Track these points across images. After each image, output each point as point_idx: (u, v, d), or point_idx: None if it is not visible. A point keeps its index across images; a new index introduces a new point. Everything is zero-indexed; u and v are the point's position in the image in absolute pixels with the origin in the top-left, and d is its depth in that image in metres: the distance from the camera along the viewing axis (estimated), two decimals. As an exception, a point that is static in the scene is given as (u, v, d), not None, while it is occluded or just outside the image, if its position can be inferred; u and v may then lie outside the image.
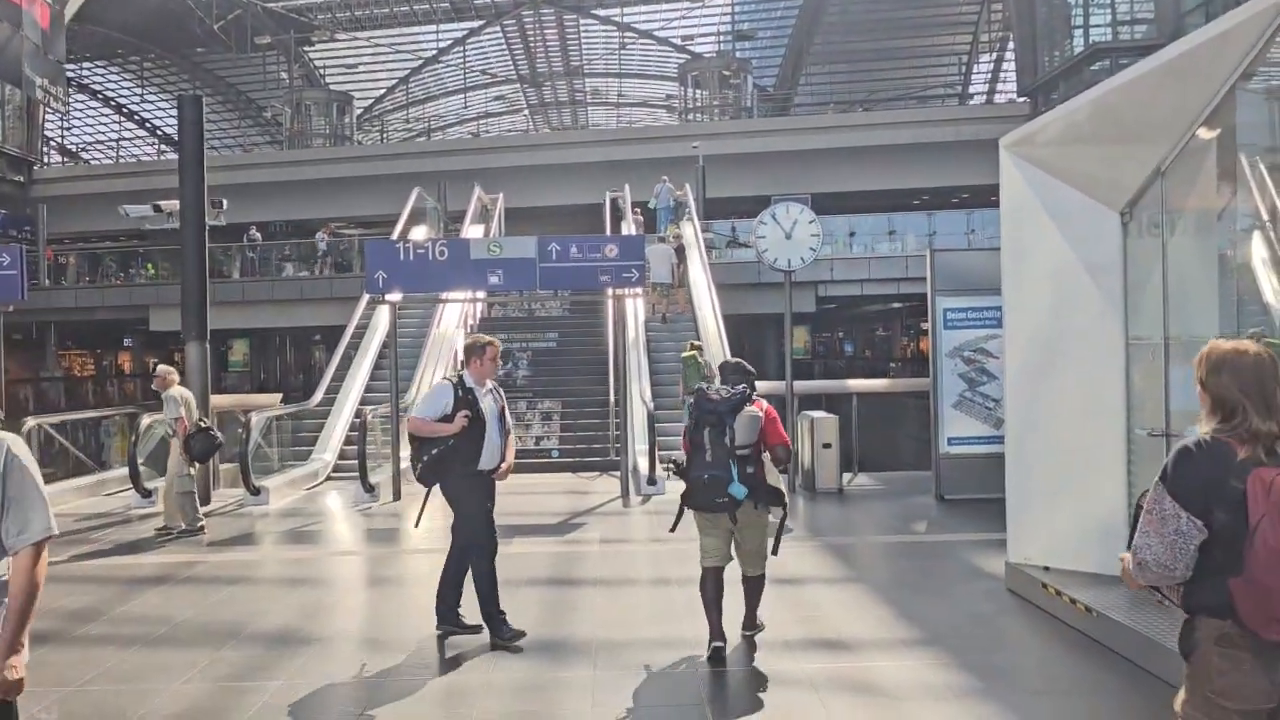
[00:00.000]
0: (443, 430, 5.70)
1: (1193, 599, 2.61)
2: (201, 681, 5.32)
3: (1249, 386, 2.60)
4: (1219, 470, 2.54)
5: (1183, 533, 2.54)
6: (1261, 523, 2.45)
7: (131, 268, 33.89)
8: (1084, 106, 6.02)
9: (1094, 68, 27.45)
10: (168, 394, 9.44)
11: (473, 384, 5.86)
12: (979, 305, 10.53)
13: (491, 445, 5.84)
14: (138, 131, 54.41)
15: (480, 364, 5.92)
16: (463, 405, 5.73)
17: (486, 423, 5.79)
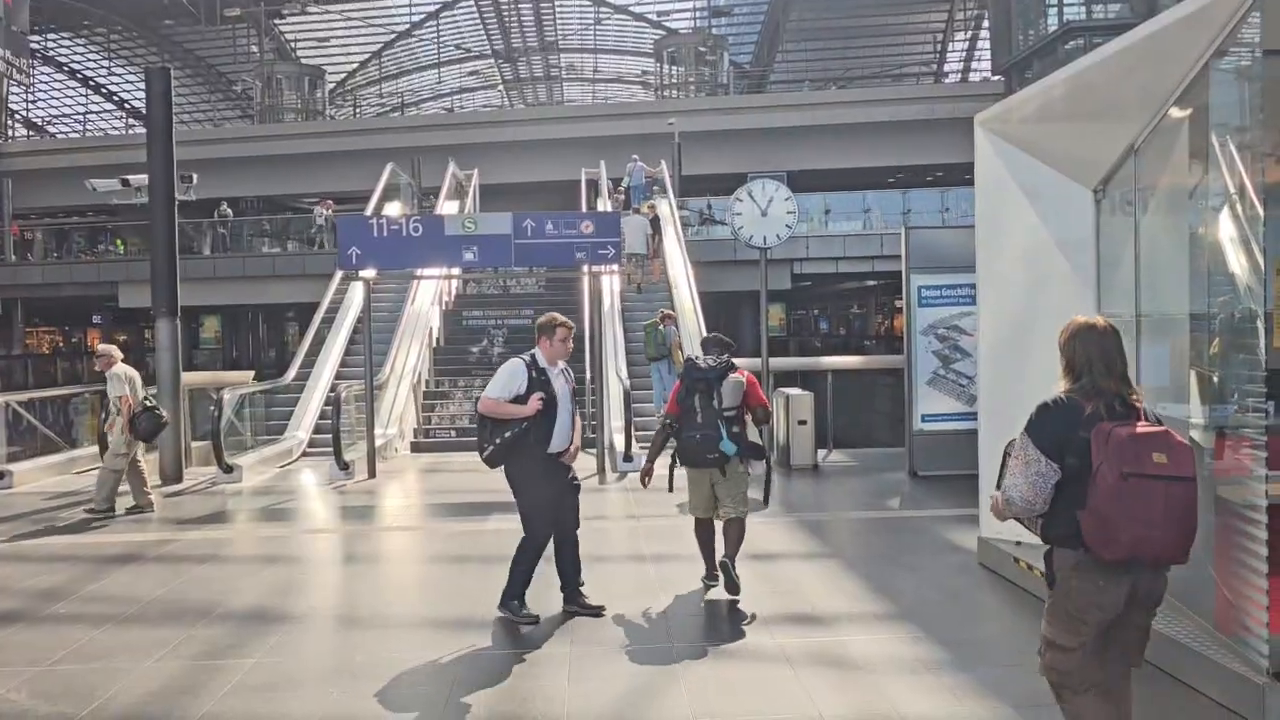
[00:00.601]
0: (517, 412, 5.55)
1: (1049, 530, 3.26)
2: (173, 660, 5.28)
3: (1095, 353, 3.26)
4: (1070, 423, 3.18)
5: (1042, 473, 3.18)
6: (1101, 466, 3.08)
7: (100, 243, 33.45)
8: (1058, 84, 6.03)
9: (1068, 46, 27.56)
10: (111, 372, 9.28)
11: (545, 364, 5.70)
12: (953, 283, 10.58)
13: (563, 428, 5.71)
14: (104, 105, 53.56)
15: (551, 344, 5.75)
16: (536, 387, 5.59)
17: (559, 404, 5.65)
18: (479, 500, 9.99)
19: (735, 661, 5.14)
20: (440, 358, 16.96)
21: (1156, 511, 3.04)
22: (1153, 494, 3.04)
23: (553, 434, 5.64)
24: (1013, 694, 4.60)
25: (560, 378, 5.76)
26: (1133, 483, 3.04)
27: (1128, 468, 3.05)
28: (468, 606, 6.19)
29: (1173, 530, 3.07)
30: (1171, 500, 3.06)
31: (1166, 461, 3.07)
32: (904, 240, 10.80)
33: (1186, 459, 3.12)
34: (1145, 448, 3.07)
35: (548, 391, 5.60)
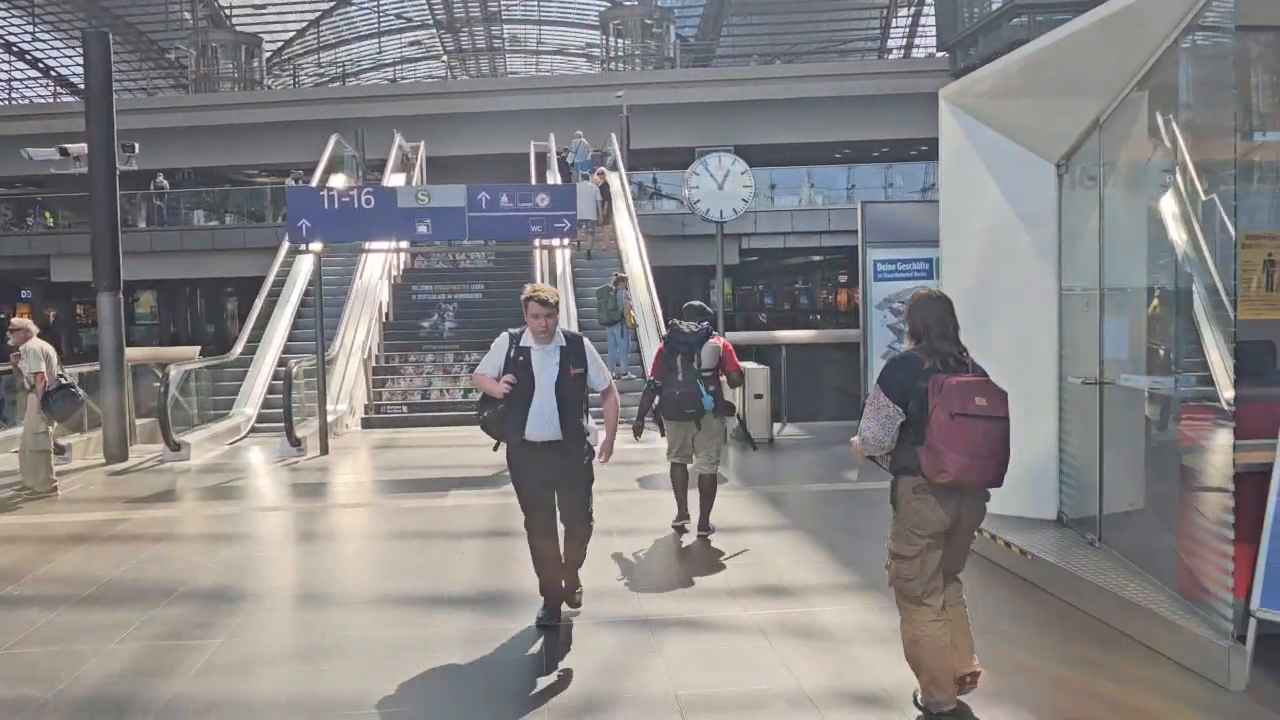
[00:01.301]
0: (490, 390, 5.15)
1: (896, 462, 3.97)
2: (137, 641, 5.15)
3: (932, 319, 3.98)
4: (912, 375, 3.88)
5: (890, 416, 3.89)
6: (935, 409, 3.77)
7: (29, 216, 32.33)
8: (1024, 59, 6.08)
9: (1013, 22, 27.84)
10: (26, 348, 8.89)
11: (530, 341, 5.13)
12: (909, 257, 10.70)
13: (540, 415, 5.05)
14: (29, 72, 51.54)
15: (529, 320, 5.15)
16: (513, 367, 5.09)
17: (535, 389, 5.05)
18: (437, 476, 9.92)
19: (711, 633, 5.16)
20: (390, 332, 16.74)
21: (978, 444, 3.74)
22: (975, 430, 3.73)
23: (525, 418, 5.07)
24: (988, 661, 4.66)
25: (548, 360, 5.10)
26: (959, 421, 3.72)
27: (955, 409, 3.73)
28: (435, 583, 6.14)
29: (992, 460, 3.79)
30: (990, 435, 3.76)
31: (986, 404, 3.77)
32: (860, 214, 10.89)
33: (1002, 402, 3.84)
34: (970, 393, 3.77)
35: (523, 374, 5.05)
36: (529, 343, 5.12)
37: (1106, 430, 5.94)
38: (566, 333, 5.24)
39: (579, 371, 5.13)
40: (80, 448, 11.29)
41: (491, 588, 6.01)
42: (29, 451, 8.99)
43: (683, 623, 5.32)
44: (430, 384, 15.57)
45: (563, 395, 5.05)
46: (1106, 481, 5.94)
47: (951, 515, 3.90)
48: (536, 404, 5.04)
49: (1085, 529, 6.11)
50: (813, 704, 4.24)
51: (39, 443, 8.94)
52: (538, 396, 5.04)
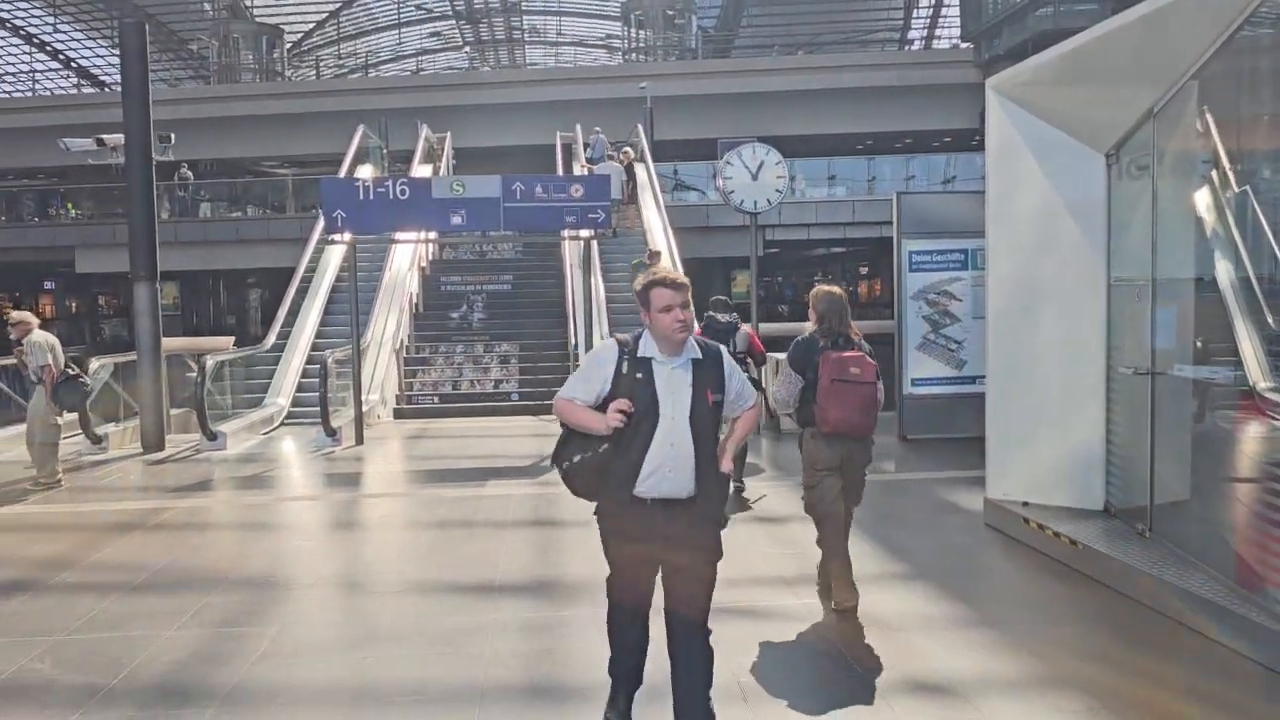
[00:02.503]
0: (589, 424, 3.57)
1: (800, 416, 5.31)
2: (194, 628, 5.20)
3: (830, 308, 5.21)
4: (810, 351, 5.17)
5: (794, 382, 5.23)
6: (822, 377, 5.07)
7: (51, 207, 32.54)
8: (1076, 48, 6.04)
9: (1038, 13, 27.62)
10: (31, 340, 8.85)
11: (653, 351, 3.58)
12: (944, 248, 10.65)
13: (668, 459, 3.50)
14: (50, 63, 51.83)
15: (651, 319, 3.58)
16: (626, 388, 3.54)
17: (660, 419, 3.51)
18: (473, 466, 9.97)
19: (767, 622, 5.16)
20: (420, 323, 16.78)
21: (851, 403, 5.04)
22: (848, 393, 5.03)
23: (640, 466, 3.50)
24: (1043, 650, 4.69)
25: (677, 378, 3.55)
26: (837, 385, 5.02)
27: (835, 376, 5.03)
28: (484, 571, 6.16)
29: (862, 415, 5.08)
30: (861, 396, 5.04)
31: (859, 373, 5.04)
32: (895, 205, 10.84)
33: (871, 372, 5.08)
34: (845, 365, 5.03)
35: (642, 399, 3.51)
36: (650, 352, 3.57)
37: (1157, 421, 5.91)
38: (701, 340, 3.68)
39: (718, 398, 3.61)
40: (117, 438, 11.39)
41: (542, 575, 6.04)
42: (38, 443, 8.95)
43: (738, 611, 5.31)
44: (461, 374, 15.62)
45: (698, 431, 3.53)
46: (1155, 472, 5.92)
47: (838, 455, 5.21)
48: (660, 444, 3.49)
49: (1135, 519, 6.09)
50: (875, 691, 4.25)
51: (49, 434, 8.92)
52: (662, 432, 3.50)
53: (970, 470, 8.38)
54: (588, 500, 3.72)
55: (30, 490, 8.78)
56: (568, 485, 3.71)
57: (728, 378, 3.68)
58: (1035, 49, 24.24)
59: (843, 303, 5.27)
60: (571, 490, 3.71)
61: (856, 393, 5.02)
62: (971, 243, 10.45)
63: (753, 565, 6.15)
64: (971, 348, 10.53)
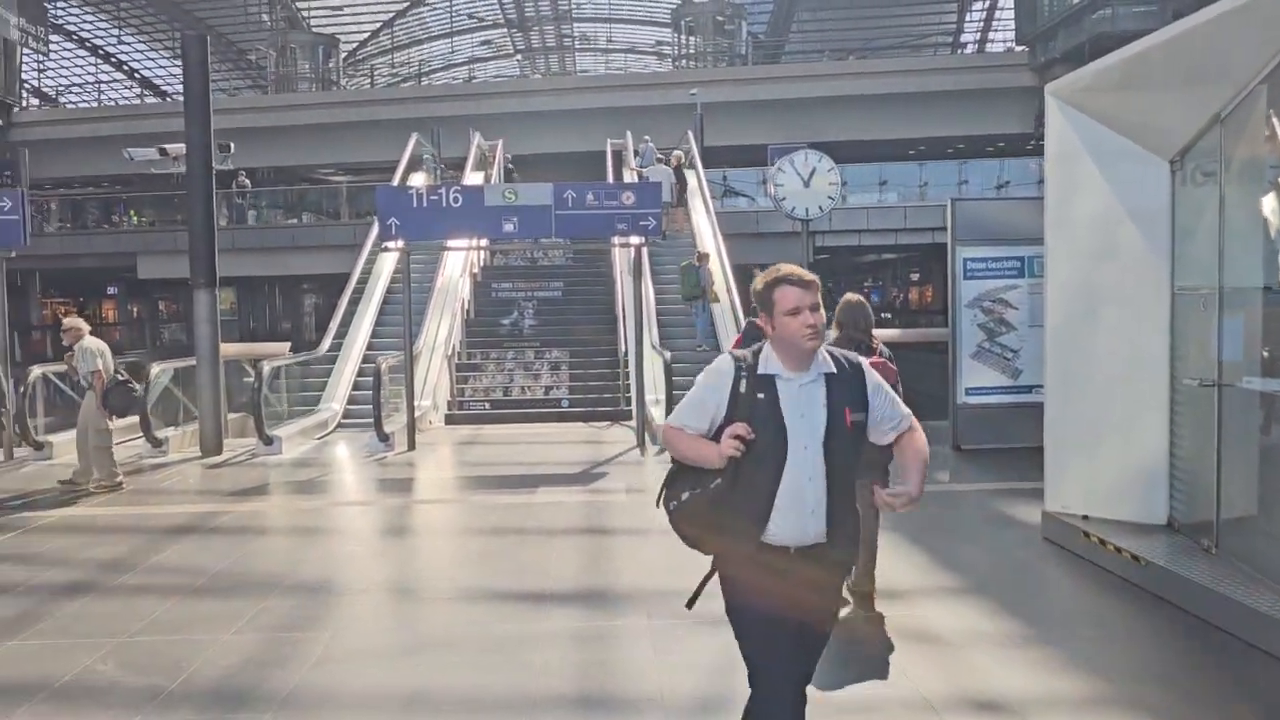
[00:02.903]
0: (701, 456, 2.96)
1: None
2: (252, 632, 5.27)
3: (850, 316, 5.52)
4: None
5: None
6: None
7: (114, 214, 33.36)
8: (1139, 53, 5.92)
9: (1095, 15, 27.15)
10: (81, 346, 9.00)
11: (776, 368, 2.96)
12: (1000, 255, 10.48)
13: (799, 496, 2.90)
14: (115, 75, 53.19)
15: (775, 324, 2.96)
16: (744, 411, 2.92)
17: (790, 448, 2.90)
18: (524, 473, 10.01)
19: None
20: (472, 329, 16.92)
21: None
22: None
23: (769, 506, 2.90)
24: (1107, 668, 4.58)
25: (808, 397, 2.94)
26: None
27: None
28: (535, 579, 6.17)
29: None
30: None
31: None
32: (950, 212, 10.69)
33: (891, 378, 4.92)
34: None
35: (765, 424, 2.89)
36: (773, 368, 2.95)
37: (1223, 434, 5.75)
38: (835, 352, 3.04)
39: (859, 419, 2.97)
40: (176, 441, 11.61)
41: (594, 585, 6.03)
42: (92, 448, 9.09)
43: (789, 624, 5.28)
44: (511, 380, 15.72)
45: (835, 461, 2.92)
46: (1221, 486, 5.76)
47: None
48: (792, 478, 2.89)
49: (1199, 535, 5.92)
50: (931, 708, 4.17)
51: (102, 439, 9.06)
52: (794, 465, 2.89)
53: (1027, 482, 8.22)
54: (696, 549, 3.09)
55: (93, 492, 8.97)
56: (675, 530, 3.06)
57: (871, 393, 3.00)
58: (1092, 52, 23.90)
59: (863, 311, 5.53)
60: (680, 535, 3.07)
61: None
62: (1028, 250, 10.28)
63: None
64: (1028, 356, 10.35)
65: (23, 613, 5.64)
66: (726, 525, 2.94)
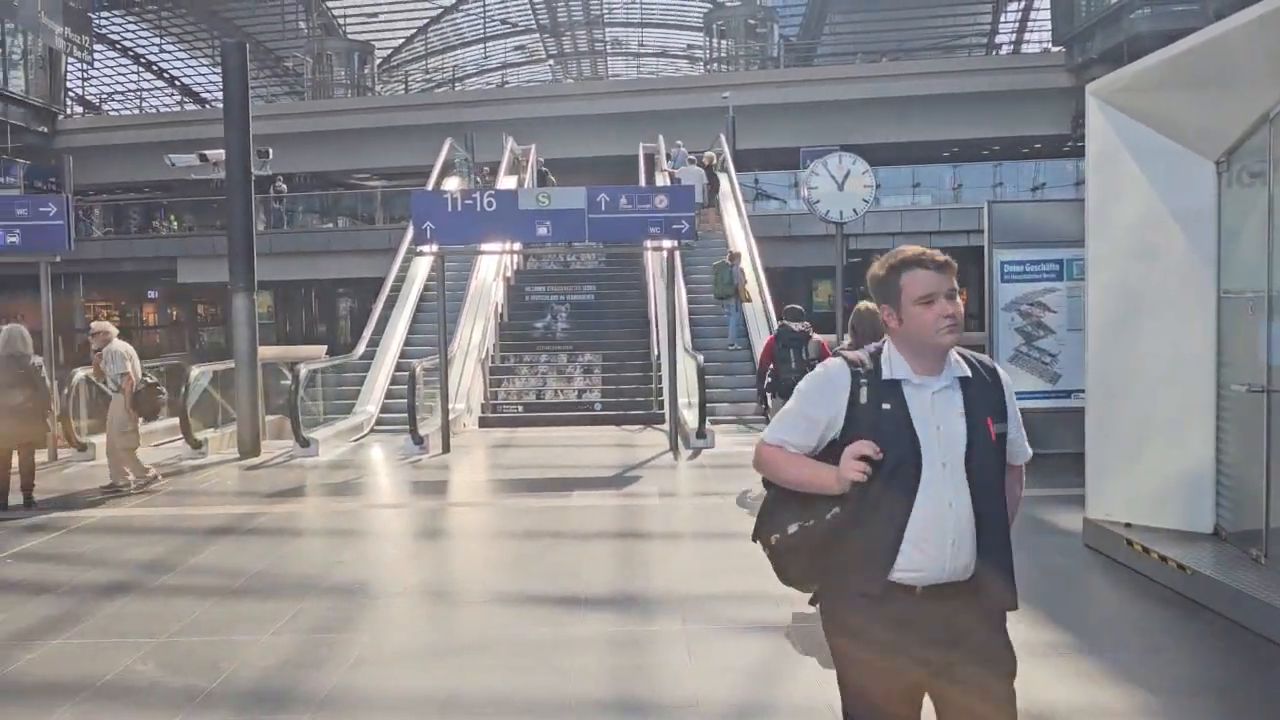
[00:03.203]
0: (816, 482, 2.46)
1: None
2: (290, 633, 5.30)
3: (859, 323, 6.15)
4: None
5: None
6: None
7: (155, 220, 33.85)
8: (1184, 51, 5.80)
9: (1134, 15, 26.78)
10: (110, 349, 9.10)
11: (902, 369, 2.48)
12: (1037, 258, 10.34)
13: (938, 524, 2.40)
14: (155, 82, 54.04)
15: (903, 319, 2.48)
16: (866, 421, 2.45)
17: (924, 466, 2.41)
18: (558, 476, 10.02)
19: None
20: (505, 333, 16.98)
21: None
22: None
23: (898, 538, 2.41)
24: (1153, 680, 4.48)
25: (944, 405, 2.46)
26: None
27: None
28: (569, 583, 6.16)
29: None
30: None
31: None
32: (987, 214, 10.57)
33: None
34: None
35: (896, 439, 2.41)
36: (899, 371, 2.46)
37: (1272, 440, 5.63)
38: (967, 354, 2.56)
39: (1002, 431, 2.51)
40: (215, 443, 11.74)
41: (628, 589, 6.00)
42: (119, 449, 9.18)
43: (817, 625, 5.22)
44: (544, 384, 15.76)
45: (980, 480, 2.44)
46: (1271, 494, 5.63)
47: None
48: (930, 503, 2.39)
49: (1248, 544, 5.80)
50: None
51: (128, 441, 9.16)
52: (930, 487, 2.39)
53: (1067, 488, 8.10)
54: (804, 590, 2.58)
55: (133, 493, 9.08)
56: (777, 568, 2.55)
57: (1009, 403, 2.55)
58: (1131, 52, 23.58)
59: (875, 318, 5.90)
60: (783, 575, 2.56)
61: None
62: (1067, 253, 10.14)
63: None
64: (1066, 361, 10.20)
65: (66, 612, 5.71)
66: (846, 562, 2.42)
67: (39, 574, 6.57)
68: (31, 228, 10.85)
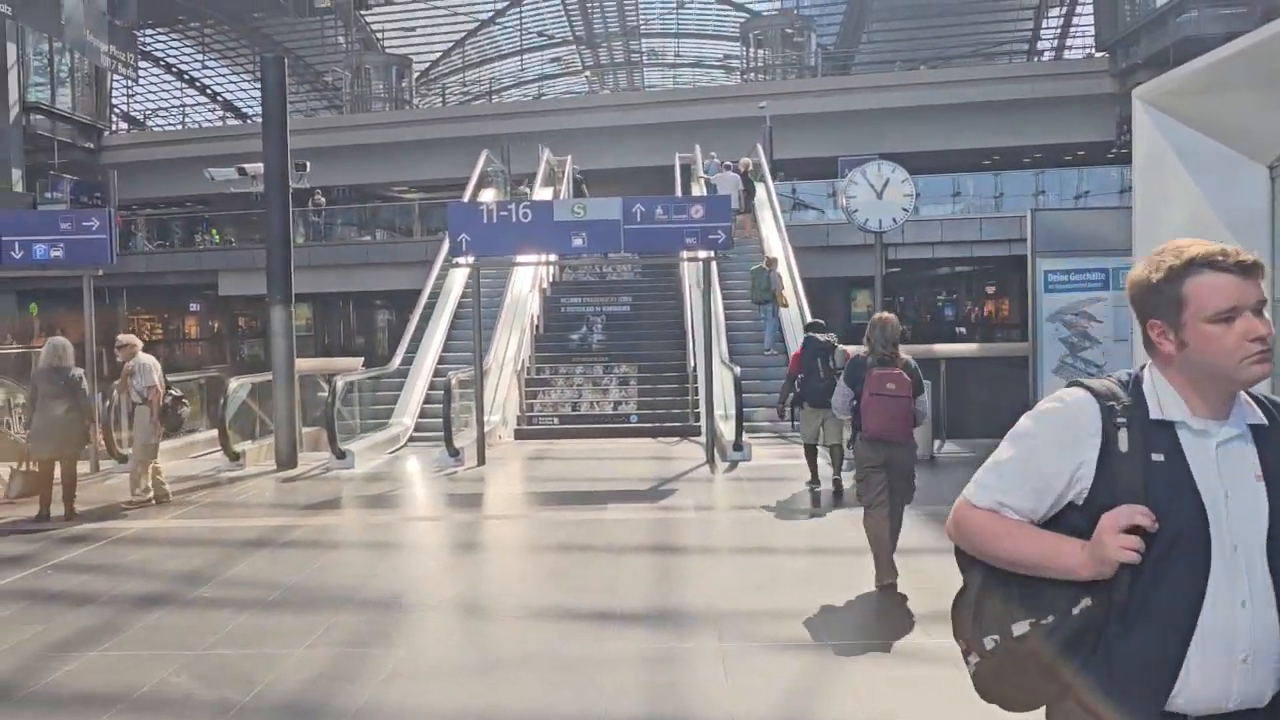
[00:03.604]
0: (1046, 560, 1.75)
1: (854, 423, 6.30)
2: (324, 646, 5.27)
3: (876, 333, 6.19)
4: (859, 369, 6.21)
5: (845, 393, 6.31)
6: (865, 391, 6.07)
7: (197, 233, 34.36)
8: (1236, 54, 5.66)
9: (1179, 19, 26.34)
10: (138, 362, 9.12)
11: (1178, 409, 1.78)
12: (1082, 267, 10.19)
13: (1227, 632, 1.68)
14: (198, 98, 55.03)
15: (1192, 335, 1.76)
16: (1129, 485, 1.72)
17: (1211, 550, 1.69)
18: (593, 489, 9.94)
19: (898, 661, 4.93)
20: (541, 344, 16.97)
21: (886, 413, 6.00)
22: (884, 404, 6.00)
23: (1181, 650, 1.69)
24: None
25: (1234, 462, 1.75)
26: (876, 398, 6.02)
27: (874, 390, 6.04)
28: (604, 598, 6.08)
29: (896, 423, 6.04)
30: (895, 408, 6.00)
31: (894, 388, 6.01)
32: (1029, 222, 10.42)
33: (905, 387, 6.03)
34: (884, 380, 6.02)
35: (1172, 500, 1.70)
36: (1174, 412, 1.79)
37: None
38: (1259, 394, 1.85)
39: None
40: (253, 454, 11.82)
41: (663, 605, 5.92)
42: (136, 460, 9.23)
43: (867, 648, 5.11)
44: (580, 395, 15.71)
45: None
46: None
47: (881, 456, 6.09)
48: (1217, 600, 1.70)
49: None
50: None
51: (148, 454, 9.18)
52: (1221, 574, 1.70)
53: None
54: (1023, 710, 1.91)
55: (151, 504, 9.08)
56: (985, 683, 1.87)
57: None
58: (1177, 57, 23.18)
59: (891, 327, 6.29)
60: (992, 692, 1.88)
61: (891, 404, 6.01)
62: (1112, 261, 9.98)
63: (881, 599, 5.91)
64: (1113, 371, 10.00)
65: (104, 623, 5.74)
66: (1100, 681, 1.73)
67: (79, 585, 6.61)
68: (75, 242, 11.00)
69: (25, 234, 11.06)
